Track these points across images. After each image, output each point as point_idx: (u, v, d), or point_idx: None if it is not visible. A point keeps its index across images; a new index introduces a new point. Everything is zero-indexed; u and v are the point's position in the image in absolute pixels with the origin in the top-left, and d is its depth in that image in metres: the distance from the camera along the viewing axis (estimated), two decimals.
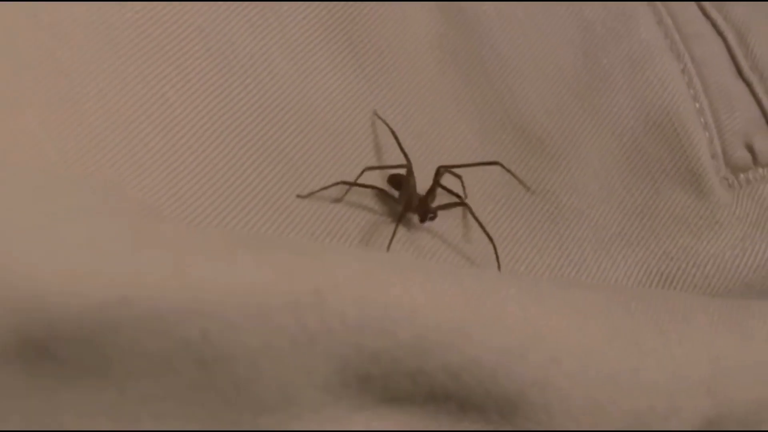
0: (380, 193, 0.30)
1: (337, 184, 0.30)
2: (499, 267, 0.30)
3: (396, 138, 0.31)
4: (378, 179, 0.31)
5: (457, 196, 0.30)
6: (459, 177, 0.31)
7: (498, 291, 0.23)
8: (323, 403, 0.22)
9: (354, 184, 0.30)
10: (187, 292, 0.20)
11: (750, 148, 0.33)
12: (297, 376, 0.21)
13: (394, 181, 0.31)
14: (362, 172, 0.30)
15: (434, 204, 0.30)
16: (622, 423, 0.24)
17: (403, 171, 0.31)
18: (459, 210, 0.31)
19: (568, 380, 0.23)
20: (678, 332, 0.26)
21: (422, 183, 0.31)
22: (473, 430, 0.23)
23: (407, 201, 0.30)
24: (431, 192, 0.31)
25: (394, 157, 0.31)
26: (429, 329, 0.22)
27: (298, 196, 0.29)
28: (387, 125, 0.31)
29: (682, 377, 0.25)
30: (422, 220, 0.30)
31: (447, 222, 0.31)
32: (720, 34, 0.35)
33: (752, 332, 0.27)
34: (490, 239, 0.30)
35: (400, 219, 0.30)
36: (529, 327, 0.23)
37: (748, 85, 0.34)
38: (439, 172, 0.31)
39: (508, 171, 0.31)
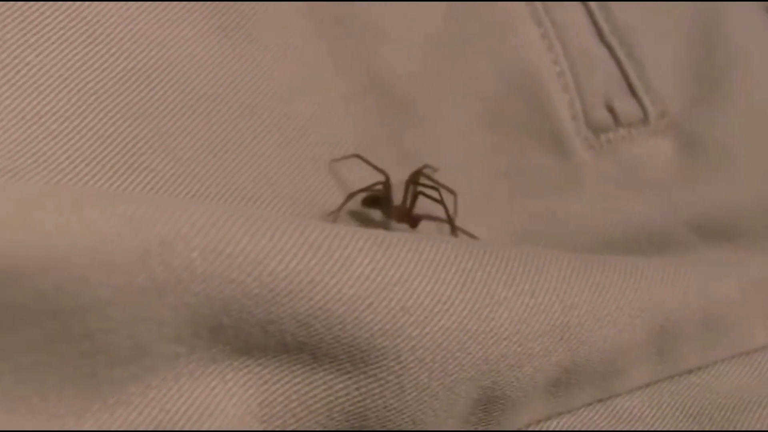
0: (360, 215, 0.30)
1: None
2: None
3: (366, 160, 0.31)
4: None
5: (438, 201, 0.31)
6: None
7: (347, 243, 0.24)
8: (177, 354, 0.22)
9: (338, 210, 0.30)
10: (38, 245, 0.20)
11: (611, 109, 0.34)
12: (149, 327, 0.21)
13: (370, 201, 0.31)
14: (347, 199, 0.30)
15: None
16: (475, 370, 0.25)
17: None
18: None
19: (417, 328, 0.24)
20: (530, 283, 0.26)
21: (288, 144, 0.30)
22: (327, 380, 0.23)
23: (396, 214, 0.30)
24: (413, 199, 0.31)
25: None
26: (277, 279, 0.22)
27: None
28: (350, 156, 0.31)
29: (534, 326, 0.26)
30: (414, 226, 0.30)
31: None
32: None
33: (606, 284, 0.28)
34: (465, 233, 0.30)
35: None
36: (377, 277, 0.23)
37: (609, 48, 0.35)
38: (416, 180, 0.31)
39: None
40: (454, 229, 0.31)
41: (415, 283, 0.24)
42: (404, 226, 0.31)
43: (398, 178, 0.32)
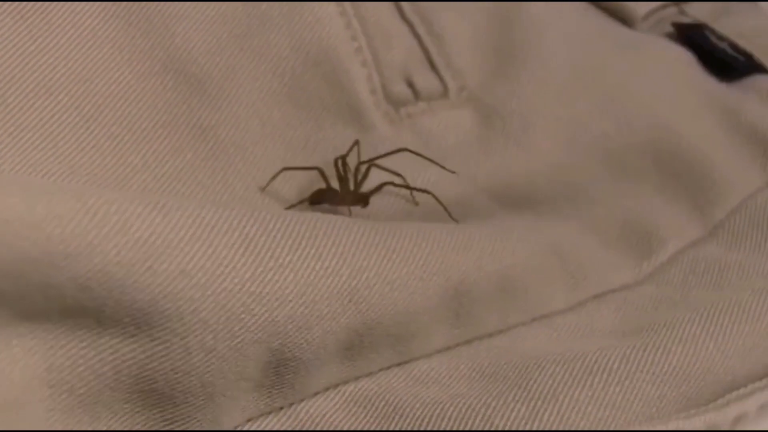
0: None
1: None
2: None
3: (293, 168, 0.31)
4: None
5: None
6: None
7: (125, 208, 0.24)
8: None
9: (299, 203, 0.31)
10: None
11: (410, 84, 0.34)
12: None
13: (317, 198, 0.31)
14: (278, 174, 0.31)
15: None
16: (262, 332, 0.25)
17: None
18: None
19: (199, 291, 0.24)
20: (317, 247, 0.26)
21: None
22: (113, 343, 0.23)
23: (350, 198, 0.31)
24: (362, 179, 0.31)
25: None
26: (53, 243, 0.22)
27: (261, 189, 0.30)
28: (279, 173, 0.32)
29: (321, 288, 0.26)
30: (365, 205, 0.31)
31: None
32: None
33: (397, 248, 0.28)
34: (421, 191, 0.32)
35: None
36: (156, 241, 0.24)
37: (410, 25, 0.35)
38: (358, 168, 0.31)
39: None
40: (412, 191, 0.32)
41: (195, 246, 0.24)
42: (356, 208, 0.31)
43: (197, 153, 0.31)
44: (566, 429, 0.26)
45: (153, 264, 0.23)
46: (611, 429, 0.27)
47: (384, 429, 0.27)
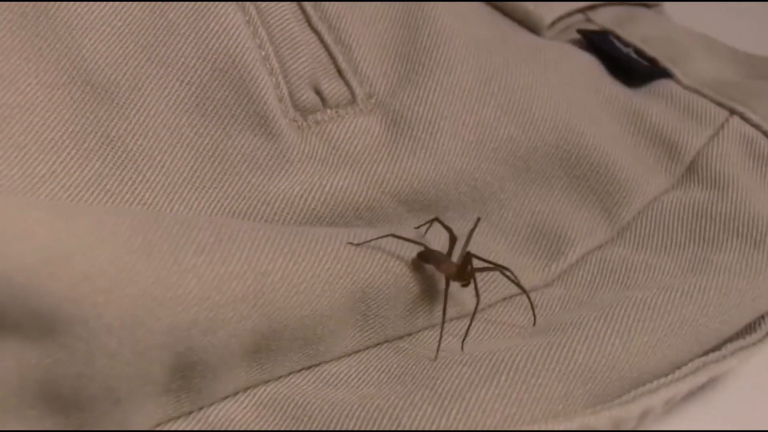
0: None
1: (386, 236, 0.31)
2: (534, 322, 0.31)
3: (399, 237, 0.31)
4: None
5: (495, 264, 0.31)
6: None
7: (26, 215, 0.23)
8: None
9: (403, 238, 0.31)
10: None
11: (318, 91, 0.34)
12: None
13: (424, 257, 0.31)
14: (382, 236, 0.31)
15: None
16: (166, 336, 0.25)
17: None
18: None
19: (103, 296, 0.24)
20: (222, 251, 0.26)
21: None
22: (17, 350, 0.23)
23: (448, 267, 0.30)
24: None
25: None
26: None
27: (350, 243, 0.29)
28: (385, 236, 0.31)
29: (226, 292, 0.26)
30: (465, 284, 0.31)
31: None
32: None
33: (302, 252, 0.28)
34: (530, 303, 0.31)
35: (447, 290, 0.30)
36: (57, 247, 0.23)
37: (317, 34, 0.35)
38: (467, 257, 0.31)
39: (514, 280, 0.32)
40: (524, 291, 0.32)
41: (97, 252, 0.24)
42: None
43: (105, 162, 0.31)
44: (472, 428, 0.27)
45: (56, 269, 0.23)
46: (517, 427, 0.27)
47: (292, 430, 0.26)
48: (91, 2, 0.33)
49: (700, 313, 0.31)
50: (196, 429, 0.26)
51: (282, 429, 0.27)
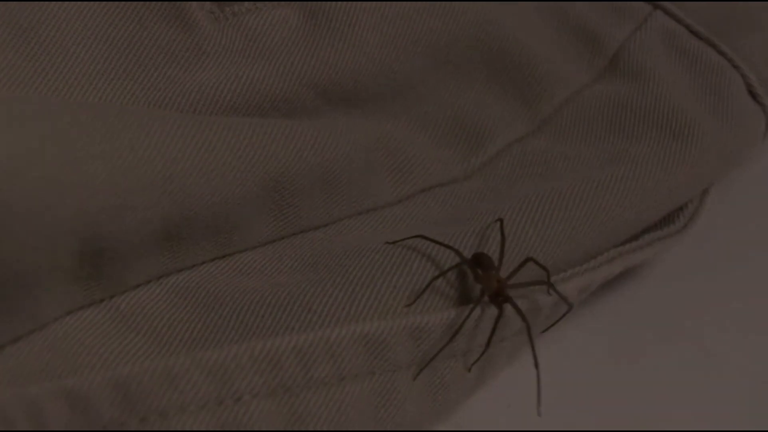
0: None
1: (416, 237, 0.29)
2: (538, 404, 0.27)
3: (430, 239, 0.29)
4: None
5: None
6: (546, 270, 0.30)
7: None
8: None
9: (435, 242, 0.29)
10: None
11: None
12: None
13: (478, 259, 0.29)
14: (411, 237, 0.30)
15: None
16: (75, 222, 0.25)
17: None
18: None
19: (7, 180, 0.23)
20: (130, 138, 0.26)
21: None
22: None
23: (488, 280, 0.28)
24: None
25: None
26: None
27: (407, 305, 0.28)
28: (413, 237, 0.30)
29: (134, 179, 0.26)
30: (503, 301, 0.28)
31: None
32: None
33: (214, 140, 0.28)
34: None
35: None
36: None
37: None
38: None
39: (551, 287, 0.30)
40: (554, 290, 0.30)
41: (3, 136, 0.24)
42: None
43: (18, 53, 0.31)
44: (383, 313, 0.27)
45: None
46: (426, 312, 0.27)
47: (204, 317, 0.27)
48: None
49: (616, 203, 0.32)
50: (107, 316, 0.26)
51: (193, 316, 0.27)
